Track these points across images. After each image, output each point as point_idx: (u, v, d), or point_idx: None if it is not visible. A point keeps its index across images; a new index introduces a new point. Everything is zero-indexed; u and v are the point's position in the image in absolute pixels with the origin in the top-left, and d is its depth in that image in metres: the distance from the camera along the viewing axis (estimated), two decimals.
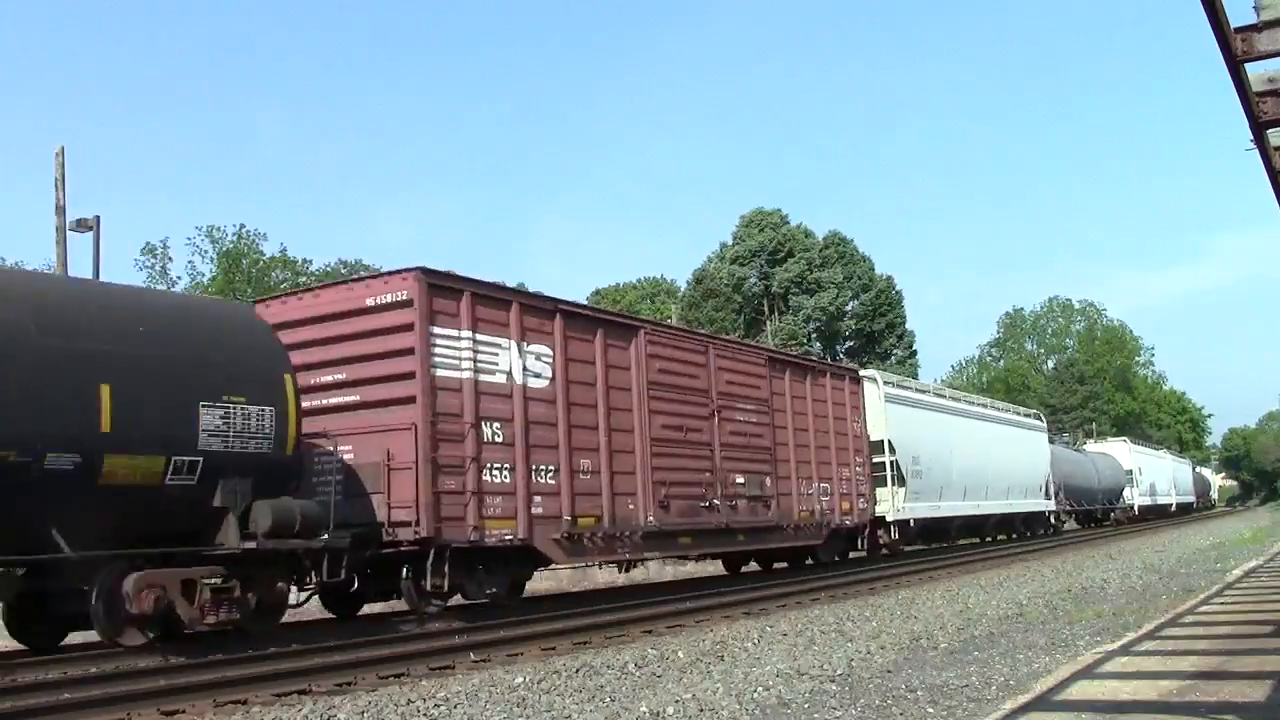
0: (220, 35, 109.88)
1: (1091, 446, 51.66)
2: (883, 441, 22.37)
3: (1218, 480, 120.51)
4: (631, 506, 14.40)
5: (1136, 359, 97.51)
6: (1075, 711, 6.19)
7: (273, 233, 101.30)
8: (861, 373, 23.05)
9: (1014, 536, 33.10)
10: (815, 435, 19.34)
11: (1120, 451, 51.14)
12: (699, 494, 15.76)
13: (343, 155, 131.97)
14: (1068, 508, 39.46)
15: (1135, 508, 51.08)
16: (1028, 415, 36.12)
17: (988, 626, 11.35)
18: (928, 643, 10.17)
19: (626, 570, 17.00)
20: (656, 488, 14.79)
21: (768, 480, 17.51)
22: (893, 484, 22.51)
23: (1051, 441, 44.19)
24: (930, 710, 6.70)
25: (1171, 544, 27.81)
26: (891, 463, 22.55)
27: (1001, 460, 29.81)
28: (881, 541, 22.51)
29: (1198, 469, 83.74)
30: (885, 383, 23.72)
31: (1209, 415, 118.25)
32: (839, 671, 8.46)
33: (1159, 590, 14.68)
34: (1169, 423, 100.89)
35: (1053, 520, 36.38)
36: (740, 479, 16.74)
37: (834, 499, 19.58)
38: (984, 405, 32.41)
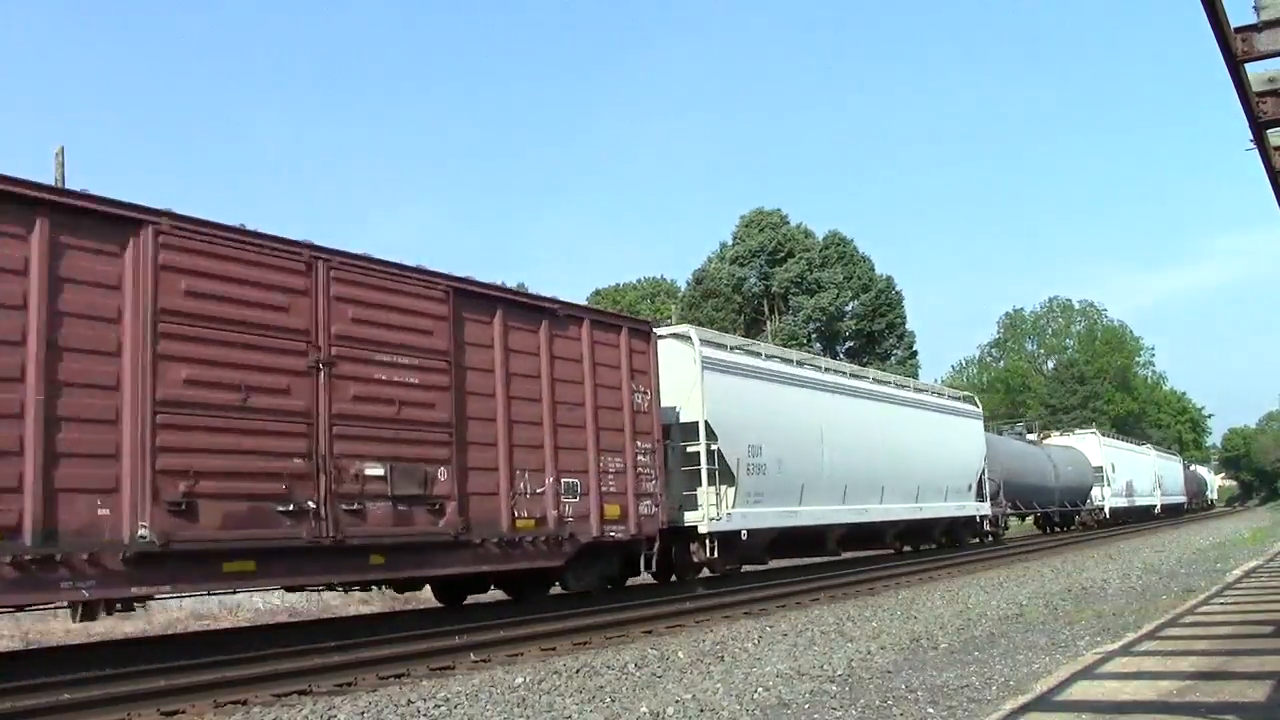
0: (221, 36, 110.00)
1: (1056, 439, 45.42)
2: (697, 424, 16.44)
3: (1216, 480, 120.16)
4: (104, 510, 8.95)
5: (1136, 359, 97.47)
6: (1075, 712, 6.20)
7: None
8: (661, 330, 16.68)
9: (938, 546, 26.44)
10: (555, 409, 13.49)
11: (1089, 445, 44.21)
12: (275, 491, 10.19)
13: (341, 157, 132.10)
14: (1009, 510, 32.88)
15: (1106, 510, 44.12)
16: (954, 397, 28.54)
17: (988, 627, 11.35)
18: (928, 643, 10.17)
19: (86, 617, 9.34)
20: (166, 480, 9.29)
21: (441, 472, 11.84)
22: (713, 482, 16.26)
23: (1010, 433, 40.42)
24: (930, 711, 6.70)
25: (1171, 544, 27.82)
26: (712, 453, 16.39)
27: (908, 453, 23.04)
28: (696, 560, 16.37)
29: (1192, 467, 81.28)
30: (704, 342, 17.34)
31: (1209, 415, 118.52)
32: (839, 672, 8.47)
33: (1159, 590, 14.68)
34: (1169, 423, 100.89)
35: (989, 526, 29.18)
36: (376, 469, 11.16)
37: (590, 500, 13.80)
38: (882, 381, 24.74)
